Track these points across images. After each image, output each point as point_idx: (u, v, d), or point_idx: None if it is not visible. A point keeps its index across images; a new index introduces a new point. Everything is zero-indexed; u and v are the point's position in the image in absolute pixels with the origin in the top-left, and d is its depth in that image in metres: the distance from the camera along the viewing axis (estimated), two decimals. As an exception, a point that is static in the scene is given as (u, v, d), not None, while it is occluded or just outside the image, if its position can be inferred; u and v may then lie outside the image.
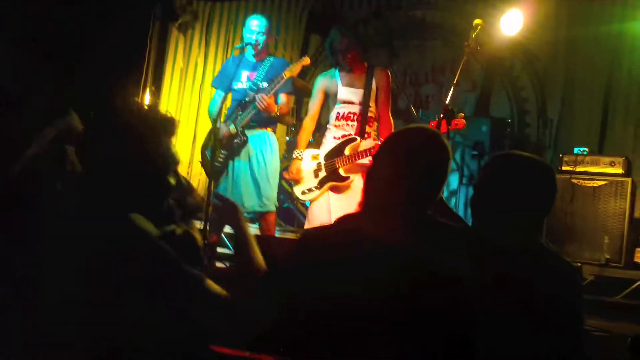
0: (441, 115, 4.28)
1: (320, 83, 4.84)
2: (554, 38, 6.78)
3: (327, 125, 4.81)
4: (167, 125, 1.78)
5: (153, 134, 1.74)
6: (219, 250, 5.00)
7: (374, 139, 4.62)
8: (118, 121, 1.75)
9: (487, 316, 1.81)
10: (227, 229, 5.15)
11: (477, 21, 4.44)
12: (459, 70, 4.48)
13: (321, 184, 4.66)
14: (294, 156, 4.80)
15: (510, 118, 6.96)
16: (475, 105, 7.23)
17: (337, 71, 4.76)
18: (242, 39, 5.07)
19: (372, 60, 4.90)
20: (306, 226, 4.90)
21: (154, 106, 1.79)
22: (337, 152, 4.62)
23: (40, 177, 1.76)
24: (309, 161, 4.74)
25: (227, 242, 5.52)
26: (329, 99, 4.80)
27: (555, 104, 6.78)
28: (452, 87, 4.43)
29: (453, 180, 6.36)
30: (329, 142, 4.72)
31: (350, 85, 4.70)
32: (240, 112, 4.97)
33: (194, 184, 6.93)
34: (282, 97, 5.10)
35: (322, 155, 4.70)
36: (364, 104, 4.64)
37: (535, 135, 6.89)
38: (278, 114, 5.00)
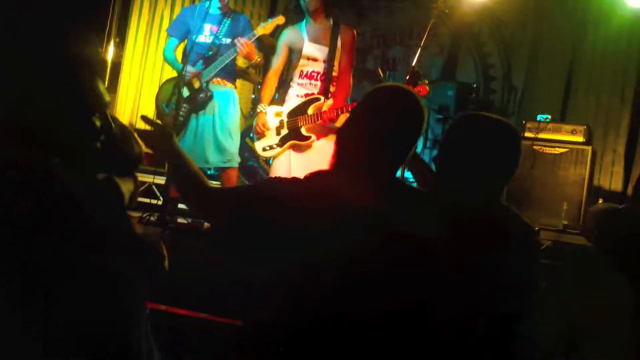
0: (407, 78, 4.28)
1: (286, 37, 4.77)
2: (522, 5, 6.79)
3: (291, 83, 4.76)
4: (91, 63, 1.63)
5: (73, 70, 1.59)
6: (181, 205, 4.95)
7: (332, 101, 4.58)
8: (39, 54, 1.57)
9: (446, 273, 1.82)
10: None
11: (447, -18, 4.43)
12: (426, 33, 4.47)
13: (282, 141, 4.63)
14: (259, 110, 4.74)
15: (476, 84, 6.98)
16: (442, 70, 7.24)
17: (304, 25, 4.68)
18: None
19: (339, 18, 4.80)
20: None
21: (80, 41, 1.60)
22: (300, 110, 4.58)
23: None
24: (272, 117, 4.69)
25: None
26: (293, 54, 4.73)
27: (521, 71, 6.83)
28: (419, 50, 4.42)
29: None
30: (292, 99, 4.68)
31: (315, 41, 4.63)
32: (204, 67, 4.89)
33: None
34: None
35: (285, 112, 4.66)
36: (329, 62, 4.59)
37: (500, 101, 6.94)
38: (260, 61, 4.96)
